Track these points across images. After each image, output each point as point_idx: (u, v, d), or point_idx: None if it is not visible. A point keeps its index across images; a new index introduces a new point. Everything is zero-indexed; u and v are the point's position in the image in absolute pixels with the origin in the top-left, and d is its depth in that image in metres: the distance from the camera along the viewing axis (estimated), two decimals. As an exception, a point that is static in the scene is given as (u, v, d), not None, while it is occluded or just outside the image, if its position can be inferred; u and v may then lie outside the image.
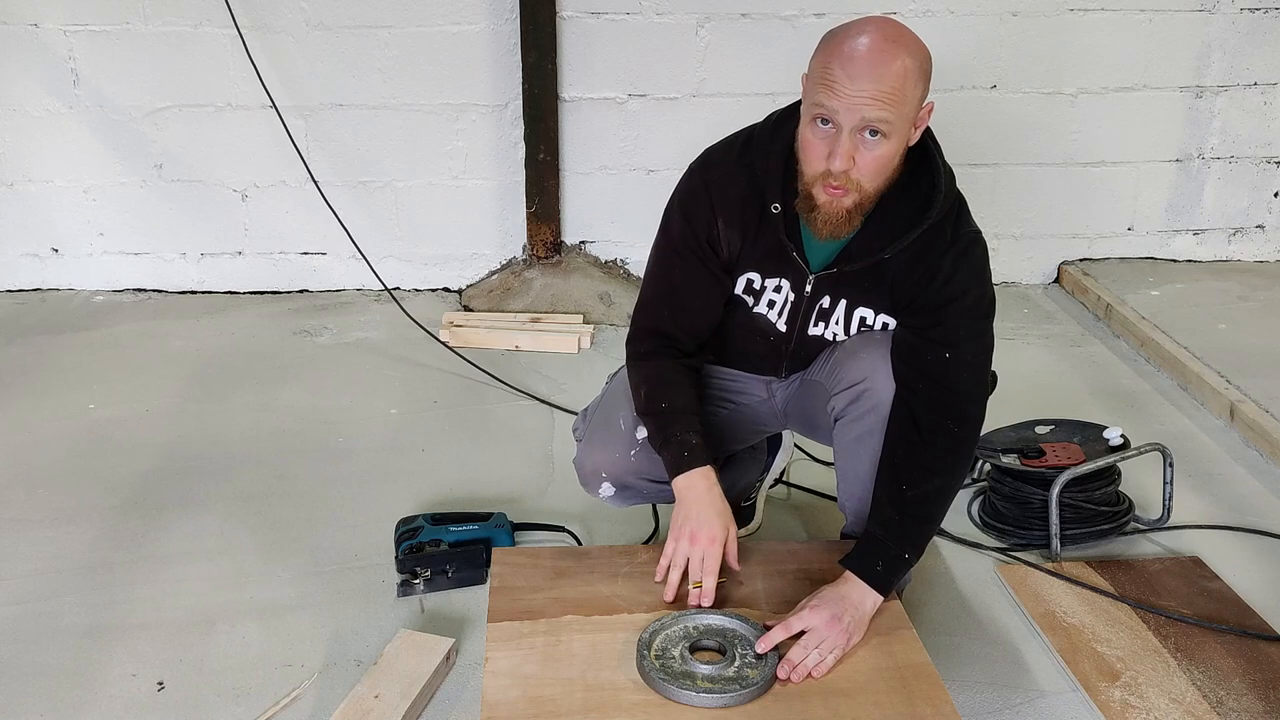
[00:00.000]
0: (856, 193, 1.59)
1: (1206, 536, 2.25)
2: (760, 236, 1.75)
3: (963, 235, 1.70)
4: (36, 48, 3.22)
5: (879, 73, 1.51)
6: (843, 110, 1.53)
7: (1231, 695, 1.78)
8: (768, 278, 1.79)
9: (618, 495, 1.92)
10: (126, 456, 2.51)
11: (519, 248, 3.52)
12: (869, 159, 1.56)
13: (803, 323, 1.81)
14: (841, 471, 1.85)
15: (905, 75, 1.53)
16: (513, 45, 3.24)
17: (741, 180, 1.73)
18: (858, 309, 1.78)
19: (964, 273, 1.69)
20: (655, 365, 1.82)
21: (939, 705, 1.50)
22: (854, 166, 1.56)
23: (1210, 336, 3.13)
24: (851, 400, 1.74)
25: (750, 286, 1.81)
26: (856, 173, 1.57)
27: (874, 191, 1.61)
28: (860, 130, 1.54)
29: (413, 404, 2.81)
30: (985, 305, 1.73)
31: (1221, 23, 3.43)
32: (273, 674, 1.83)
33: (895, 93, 1.52)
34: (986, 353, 1.74)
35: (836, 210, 1.61)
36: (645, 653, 1.54)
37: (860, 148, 1.55)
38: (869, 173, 1.58)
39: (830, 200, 1.60)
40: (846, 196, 1.60)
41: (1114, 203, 3.64)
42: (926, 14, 3.32)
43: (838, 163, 1.55)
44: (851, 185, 1.58)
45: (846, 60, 1.52)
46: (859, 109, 1.52)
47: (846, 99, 1.52)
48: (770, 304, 1.81)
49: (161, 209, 3.41)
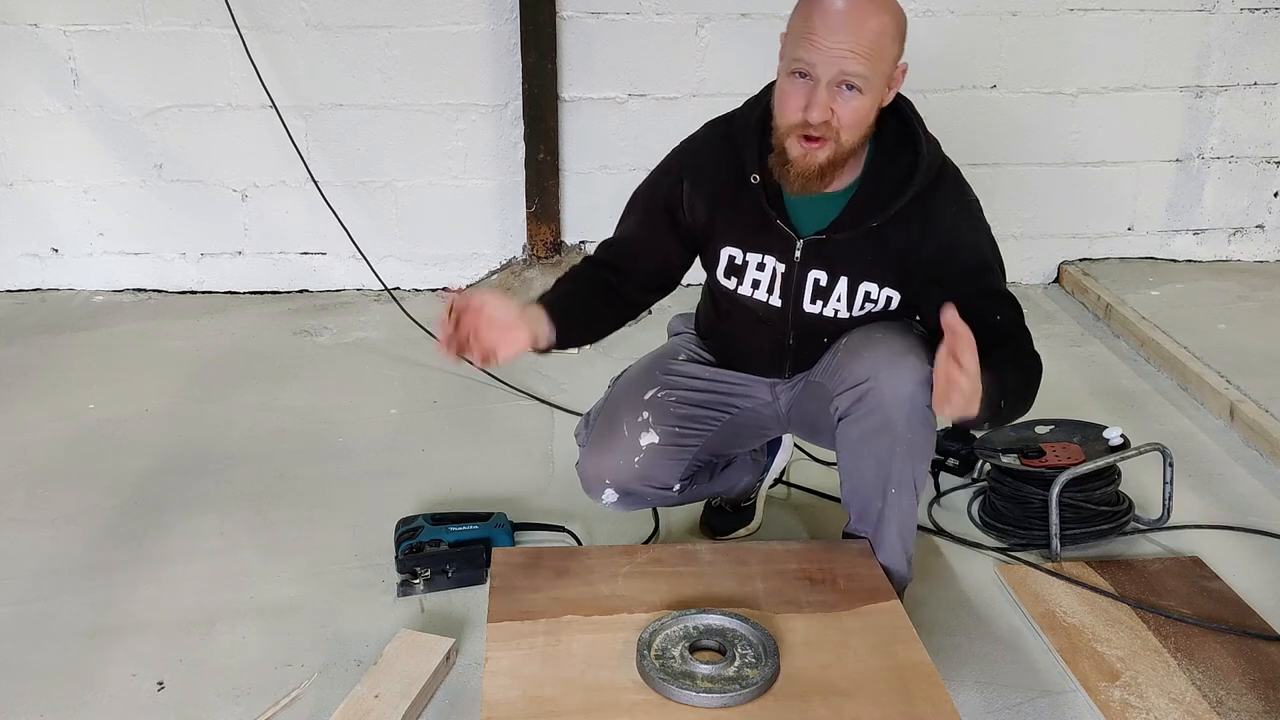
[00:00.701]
0: (834, 144, 1.64)
1: (1206, 536, 2.25)
2: (738, 209, 1.78)
3: (968, 202, 1.77)
4: (36, 48, 3.22)
5: (857, 28, 1.57)
6: (821, 63, 1.58)
7: (1231, 695, 1.78)
8: (749, 253, 1.81)
9: (621, 501, 1.92)
10: (126, 456, 2.51)
11: (519, 247, 3.52)
12: (847, 110, 1.61)
13: (797, 296, 1.81)
14: (845, 471, 1.85)
15: (883, 31, 1.59)
16: (513, 45, 3.24)
17: (718, 150, 1.80)
18: (861, 284, 1.79)
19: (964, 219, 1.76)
20: (579, 267, 1.92)
21: (939, 705, 1.50)
22: (833, 116, 1.61)
23: (1210, 336, 3.13)
24: (856, 400, 1.74)
25: (732, 264, 1.83)
26: (836, 122, 1.61)
27: (850, 146, 1.66)
28: (837, 84, 1.59)
29: (413, 404, 2.81)
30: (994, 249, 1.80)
31: (1221, 23, 3.44)
32: (273, 674, 1.82)
33: (873, 48, 1.58)
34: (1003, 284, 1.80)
35: (810, 164, 1.66)
36: (645, 653, 1.54)
37: (837, 99, 1.60)
38: (848, 124, 1.62)
39: (804, 153, 1.65)
40: (822, 150, 1.64)
41: (1114, 203, 3.64)
42: (927, 14, 3.32)
43: (815, 113, 1.60)
44: (830, 134, 1.62)
45: (826, 14, 1.58)
46: (837, 62, 1.58)
47: (825, 52, 1.58)
48: (755, 283, 1.82)
49: (161, 209, 3.41)
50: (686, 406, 1.91)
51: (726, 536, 2.22)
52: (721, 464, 2.08)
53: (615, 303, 1.92)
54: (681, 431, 1.89)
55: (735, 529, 2.23)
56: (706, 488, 2.08)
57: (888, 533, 1.81)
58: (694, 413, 1.91)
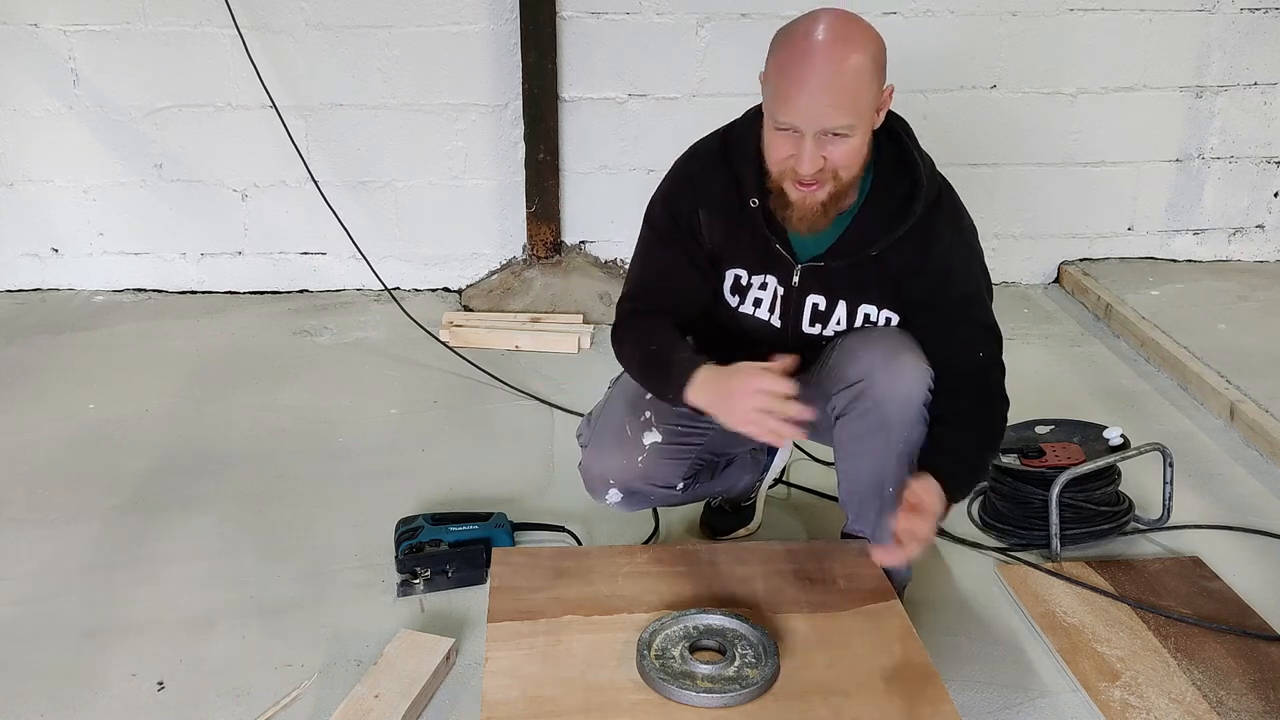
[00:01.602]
0: (833, 182, 1.63)
1: (1206, 536, 2.25)
2: (743, 231, 1.77)
3: (964, 228, 1.76)
4: (36, 48, 3.22)
5: (833, 81, 1.54)
6: (802, 123, 1.57)
7: (1231, 695, 1.78)
8: (754, 274, 1.81)
9: (625, 501, 1.91)
10: (126, 456, 2.51)
11: (519, 248, 3.52)
12: (838, 153, 1.60)
13: (795, 317, 1.81)
14: (842, 470, 1.85)
15: (860, 72, 1.56)
16: (513, 45, 3.24)
17: (721, 175, 1.77)
18: (860, 307, 1.79)
19: (962, 256, 1.75)
20: (637, 322, 1.83)
21: (939, 705, 1.50)
22: (825, 163, 1.60)
23: (1210, 336, 3.13)
24: (852, 399, 1.74)
25: (737, 283, 1.82)
26: (831, 165, 1.60)
27: (849, 180, 1.65)
28: (824, 134, 1.57)
29: (413, 404, 2.81)
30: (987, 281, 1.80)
31: (1221, 23, 3.43)
32: (273, 674, 1.83)
33: (852, 96, 1.56)
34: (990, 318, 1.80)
35: (811, 205, 1.65)
36: (645, 653, 1.54)
37: (826, 147, 1.59)
38: (843, 164, 1.62)
39: (803, 196, 1.64)
40: (820, 190, 1.63)
41: (1114, 203, 3.64)
42: (926, 14, 3.32)
43: (806, 166, 1.59)
44: (827, 175, 1.61)
45: (799, 72, 1.55)
46: (818, 120, 1.56)
47: (804, 112, 1.56)
48: (757, 302, 1.82)
49: (161, 209, 3.41)
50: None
51: (726, 536, 2.22)
52: (723, 463, 2.08)
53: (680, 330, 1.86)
54: (684, 430, 1.89)
55: (735, 529, 2.23)
56: (708, 487, 2.08)
57: (886, 532, 1.80)
58: None
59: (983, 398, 1.77)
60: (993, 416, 1.79)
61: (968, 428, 1.74)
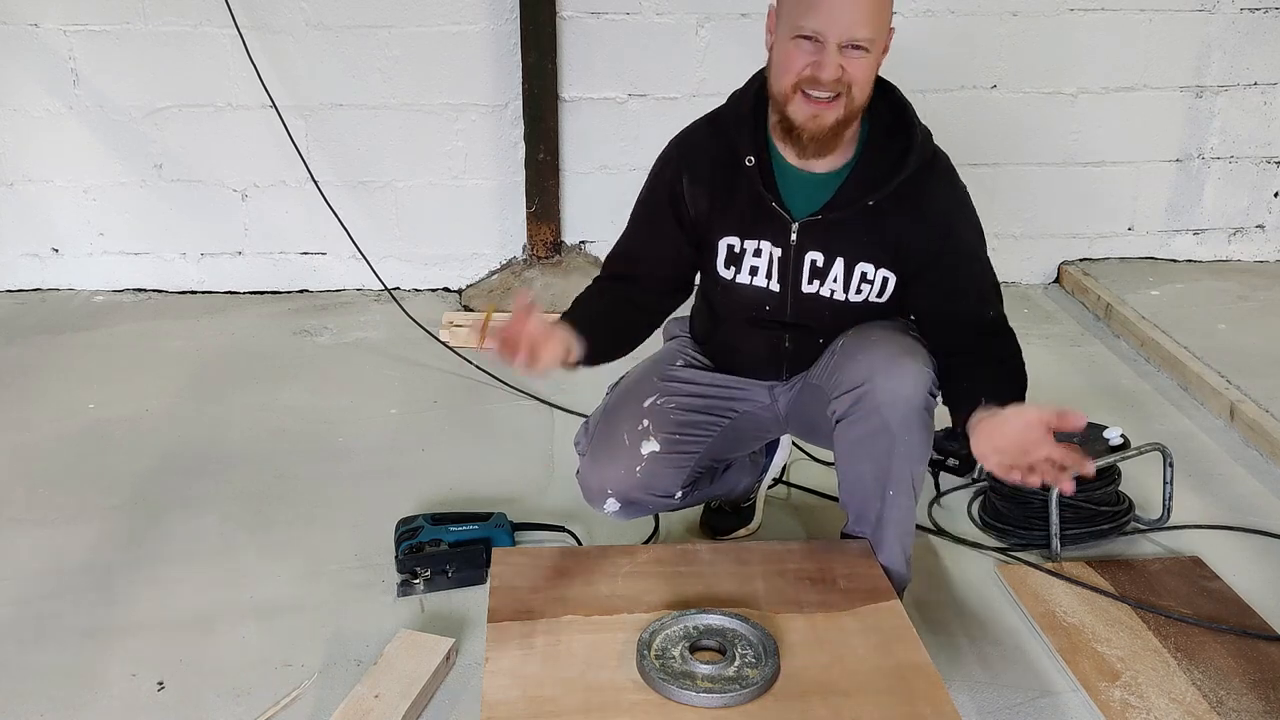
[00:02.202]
0: (844, 102, 1.65)
1: (1206, 536, 2.25)
2: (735, 195, 1.78)
3: (960, 188, 1.79)
4: (36, 48, 3.22)
5: None
6: (829, 29, 1.60)
7: (1231, 695, 1.78)
8: (747, 239, 1.81)
9: (623, 510, 1.91)
10: (126, 456, 2.51)
11: (519, 247, 3.52)
12: (857, 68, 1.63)
13: (794, 279, 1.81)
14: (843, 473, 1.85)
15: None
16: (513, 45, 3.24)
17: (711, 140, 1.80)
18: (857, 265, 1.79)
19: (955, 207, 1.78)
20: (592, 288, 1.91)
21: (939, 705, 1.50)
22: (843, 74, 1.62)
23: (1210, 336, 3.13)
24: (853, 403, 1.74)
25: (730, 253, 1.83)
26: (847, 78, 1.63)
27: (859, 105, 1.67)
28: (845, 46, 1.60)
29: (413, 404, 2.81)
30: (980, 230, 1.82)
31: (1221, 23, 3.43)
32: (273, 674, 1.82)
33: (876, 9, 1.61)
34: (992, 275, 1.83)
35: (820, 125, 1.67)
36: (645, 653, 1.54)
37: (846, 59, 1.62)
38: (859, 81, 1.64)
39: (814, 114, 1.66)
40: (831, 110, 1.65)
41: (1114, 203, 3.64)
42: (927, 14, 3.32)
43: (827, 72, 1.61)
44: (842, 90, 1.63)
45: None
46: (847, 29, 1.59)
47: (832, 18, 1.59)
48: (753, 269, 1.82)
49: (161, 209, 3.41)
50: (686, 413, 1.90)
51: (726, 537, 2.22)
52: (721, 467, 2.08)
53: (636, 314, 1.91)
54: (682, 438, 1.89)
55: (735, 529, 2.23)
56: (707, 491, 2.08)
57: (886, 534, 1.81)
58: (694, 418, 1.91)
59: (1002, 356, 1.78)
60: (1018, 366, 1.78)
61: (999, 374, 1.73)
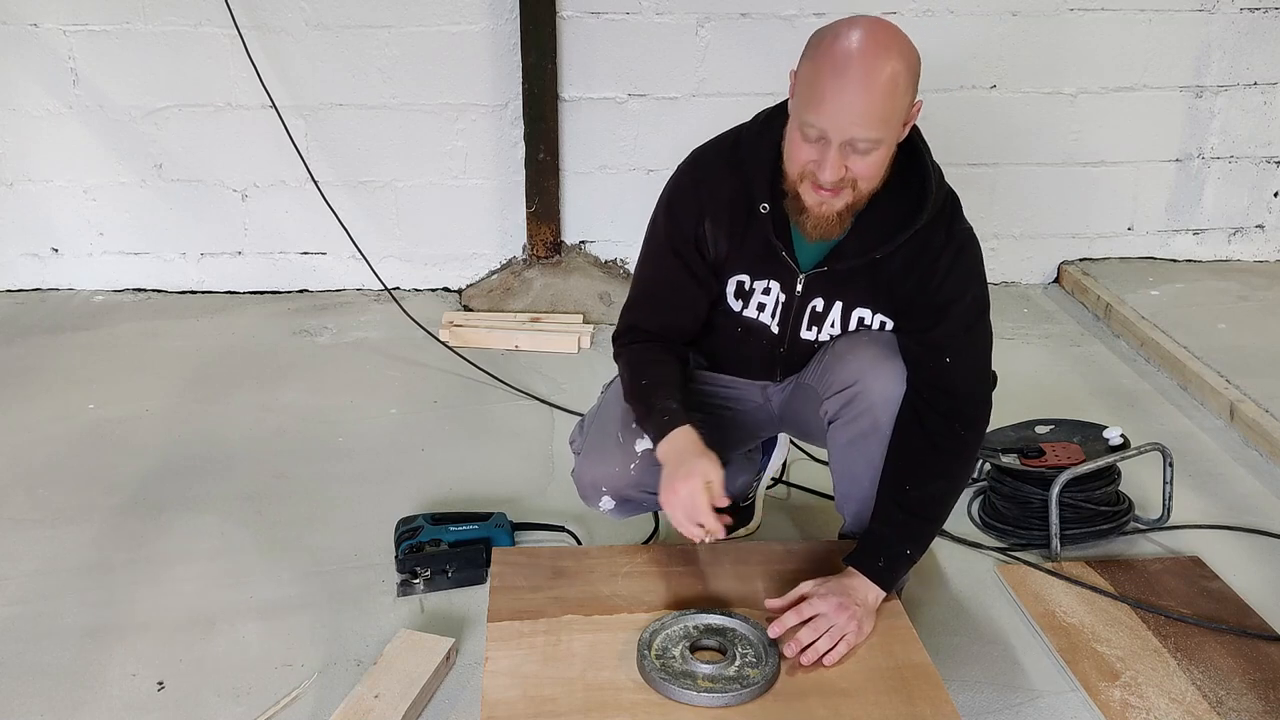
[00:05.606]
0: (851, 193, 1.59)
1: (1206, 536, 2.25)
2: (749, 237, 1.75)
3: (957, 234, 1.70)
4: (36, 48, 3.22)
5: (868, 90, 1.49)
6: (831, 129, 1.52)
7: (1231, 695, 1.78)
8: (757, 279, 1.79)
9: (618, 508, 1.91)
10: (126, 456, 2.51)
11: (519, 247, 3.52)
12: (861, 165, 1.56)
13: (794, 325, 1.80)
14: (837, 474, 1.85)
15: (894, 84, 1.51)
16: (513, 45, 3.24)
17: (730, 181, 1.73)
18: (855, 310, 1.77)
19: (960, 273, 1.69)
20: (637, 350, 1.83)
21: (939, 705, 1.50)
22: (846, 173, 1.56)
23: (1210, 336, 3.13)
24: (844, 404, 1.74)
25: (741, 289, 1.81)
26: (851, 175, 1.57)
27: (868, 192, 1.61)
28: (849, 144, 1.53)
29: (413, 404, 2.81)
30: (982, 305, 1.73)
31: (1221, 23, 3.43)
32: (273, 674, 1.83)
33: (883, 110, 1.51)
34: (986, 354, 1.75)
35: (827, 213, 1.61)
36: (645, 652, 1.54)
37: (850, 157, 1.55)
38: (865, 176, 1.58)
39: (820, 202, 1.60)
40: (838, 199, 1.59)
41: (1114, 203, 3.64)
42: (926, 14, 3.32)
43: (828, 174, 1.55)
44: (846, 184, 1.58)
45: (835, 77, 1.50)
46: (848, 129, 1.51)
47: (834, 120, 1.51)
48: (760, 306, 1.80)
49: (161, 209, 3.41)
50: None
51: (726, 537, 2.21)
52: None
53: (679, 360, 1.85)
54: None
55: (735, 529, 2.22)
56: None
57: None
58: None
59: (948, 462, 1.73)
60: (950, 490, 1.75)
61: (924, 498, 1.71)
